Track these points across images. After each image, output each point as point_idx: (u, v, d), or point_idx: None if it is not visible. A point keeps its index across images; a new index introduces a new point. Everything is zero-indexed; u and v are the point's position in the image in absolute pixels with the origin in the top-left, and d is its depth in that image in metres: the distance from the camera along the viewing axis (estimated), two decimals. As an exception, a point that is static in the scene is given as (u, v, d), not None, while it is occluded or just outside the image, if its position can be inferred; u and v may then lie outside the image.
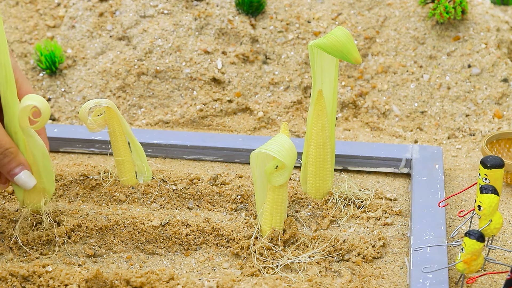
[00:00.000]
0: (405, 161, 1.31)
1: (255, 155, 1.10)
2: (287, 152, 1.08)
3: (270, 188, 1.11)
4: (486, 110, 1.47)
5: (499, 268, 1.10)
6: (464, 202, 1.26)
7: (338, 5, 1.58)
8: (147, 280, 1.03)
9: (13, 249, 1.13)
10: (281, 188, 1.11)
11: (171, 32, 1.54)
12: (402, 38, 1.55)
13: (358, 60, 1.14)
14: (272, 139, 1.10)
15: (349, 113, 1.51)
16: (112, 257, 1.13)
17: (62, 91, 1.51)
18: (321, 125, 1.18)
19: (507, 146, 1.34)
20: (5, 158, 1.05)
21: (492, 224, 1.04)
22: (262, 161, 1.12)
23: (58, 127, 1.39)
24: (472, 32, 1.54)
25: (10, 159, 1.05)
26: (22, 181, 1.07)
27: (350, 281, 1.07)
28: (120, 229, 1.16)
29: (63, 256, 1.12)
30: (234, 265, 1.11)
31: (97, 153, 1.37)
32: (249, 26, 1.55)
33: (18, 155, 1.06)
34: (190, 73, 1.51)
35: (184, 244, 1.14)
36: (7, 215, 1.17)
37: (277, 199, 1.12)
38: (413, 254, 1.09)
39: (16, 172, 1.07)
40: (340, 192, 1.23)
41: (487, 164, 1.06)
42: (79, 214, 1.18)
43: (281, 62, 1.54)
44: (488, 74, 1.50)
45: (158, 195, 1.24)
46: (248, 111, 1.49)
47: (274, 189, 1.11)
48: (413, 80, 1.51)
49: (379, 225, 1.19)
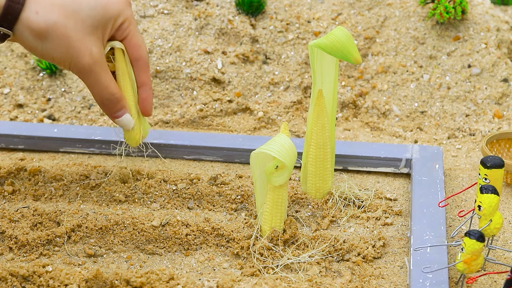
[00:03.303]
0: (405, 161, 1.31)
1: (255, 155, 1.10)
2: (287, 152, 1.08)
3: (270, 188, 1.11)
4: (486, 110, 1.47)
5: (499, 268, 1.10)
6: (464, 202, 1.26)
7: (338, 5, 1.58)
8: (147, 280, 1.03)
9: (13, 249, 1.13)
10: (281, 188, 1.11)
11: (171, 32, 1.54)
12: (402, 38, 1.55)
13: (358, 60, 1.14)
14: (272, 139, 1.10)
15: (349, 113, 1.51)
16: (112, 257, 1.13)
17: (62, 91, 1.51)
18: (321, 125, 1.18)
19: (507, 146, 1.34)
20: (110, 102, 1.14)
21: (492, 224, 1.04)
22: (262, 161, 1.12)
23: (58, 127, 1.39)
24: (472, 32, 1.54)
25: (115, 103, 1.14)
26: (123, 123, 1.17)
27: (350, 281, 1.07)
28: (120, 229, 1.16)
29: (63, 256, 1.12)
30: (234, 265, 1.11)
31: (97, 153, 1.37)
32: (249, 26, 1.55)
33: (122, 100, 1.15)
34: (190, 73, 1.51)
35: (184, 244, 1.14)
36: (7, 215, 1.17)
37: (277, 199, 1.12)
38: (413, 254, 1.09)
39: (119, 115, 1.16)
40: (340, 192, 1.23)
41: (487, 164, 1.06)
42: (79, 214, 1.18)
43: (281, 62, 1.54)
44: (488, 74, 1.50)
45: (158, 195, 1.24)
46: (248, 111, 1.49)
47: (274, 189, 1.11)
48: (413, 80, 1.51)
49: (379, 225, 1.19)
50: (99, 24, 1.10)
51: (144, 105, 1.19)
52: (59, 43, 1.07)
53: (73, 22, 1.08)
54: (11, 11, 1.06)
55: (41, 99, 1.50)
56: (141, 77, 1.18)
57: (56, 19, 1.06)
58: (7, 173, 1.27)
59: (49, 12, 1.07)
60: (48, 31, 1.06)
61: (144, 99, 1.19)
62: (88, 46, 1.09)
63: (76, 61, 1.09)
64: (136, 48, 1.16)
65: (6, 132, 1.37)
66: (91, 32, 1.09)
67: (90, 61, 1.09)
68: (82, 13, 1.08)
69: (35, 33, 1.06)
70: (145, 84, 1.19)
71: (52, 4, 1.07)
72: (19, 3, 1.06)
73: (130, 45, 1.15)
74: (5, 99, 1.50)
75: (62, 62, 1.10)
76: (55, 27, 1.07)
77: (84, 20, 1.08)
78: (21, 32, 1.07)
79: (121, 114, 1.16)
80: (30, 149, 1.37)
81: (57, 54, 1.08)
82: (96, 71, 1.10)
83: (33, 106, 1.49)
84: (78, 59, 1.09)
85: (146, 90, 1.19)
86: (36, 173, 1.27)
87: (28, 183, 1.26)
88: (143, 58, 1.17)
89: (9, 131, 1.37)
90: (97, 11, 1.09)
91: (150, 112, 1.21)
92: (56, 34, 1.07)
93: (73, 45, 1.08)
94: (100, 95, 1.13)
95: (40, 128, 1.39)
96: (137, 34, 1.16)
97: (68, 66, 1.10)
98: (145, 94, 1.19)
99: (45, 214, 1.18)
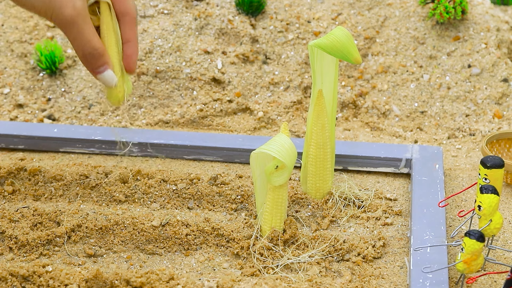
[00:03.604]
0: (405, 161, 1.31)
1: (255, 155, 1.10)
2: (287, 152, 1.08)
3: (270, 188, 1.11)
4: (486, 110, 1.47)
5: (499, 268, 1.10)
6: (464, 202, 1.26)
7: (338, 5, 1.58)
8: (147, 280, 1.03)
9: (13, 249, 1.13)
10: (281, 188, 1.11)
11: (171, 32, 1.54)
12: (402, 38, 1.55)
13: (358, 60, 1.14)
14: (272, 139, 1.10)
15: (349, 113, 1.51)
16: (112, 257, 1.13)
17: (62, 91, 1.51)
18: (321, 125, 1.18)
19: (507, 146, 1.34)
20: (92, 57, 1.10)
21: (492, 224, 1.04)
22: (262, 161, 1.12)
23: (58, 127, 1.39)
24: (472, 32, 1.54)
25: (97, 58, 1.11)
26: (104, 79, 1.13)
27: (350, 281, 1.07)
28: (120, 229, 1.16)
29: (63, 256, 1.12)
30: (234, 265, 1.11)
31: (97, 153, 1.37)
32: (249, 26, 1.55)
33: (104, 56, 1.11)
34: (190, 73, 1.51)
35: (184, 244, 1.14)
36: (7, 215, 1.17)
37: (277, 199, 1.12)
38: (413, 254, 1.09)
39: (101, 71, 1.12)
40: (340, 192, 1.23)
41: (487, 164, 1.06)
42: (79, 214, 1.18)
43: (281, 62, 1.54)
44: (488, 74, 1.50)
45: (158, 195, 1.24)
46: (248, 111, 1.49)
47: (274, 189, 1.11)
48: (413, 80, 1.51)
49: (379, 225, 1.19)
50: None
51: (128, 61, 1.15)
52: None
53: None
54: None
55: (41, 99, 1.50)
56: (127, 33, 1.15)
57: None
58: (7, 173, 1.27)
59: None
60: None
61: (128, 55, 1.15)
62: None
63: (59, 12, 1.06)
64: (123, 2, 1.13)
65: (6, 132, 1.37)
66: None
67: (73, 13, 1.06)
68: None
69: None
70: (130, 40, 1.15)
71: None
72: None
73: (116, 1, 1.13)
74: (5, 99, 1.50)
75: (44, 12, 1.07)
76: None
77: None
78: None
79: (103, 70, 1.12)
80: (30, 149, 1.37)
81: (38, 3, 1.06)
82: (79, 23, 1.07)
83: (33, 106, 1.49)
84: (60, 10, 1.06)
85: (131, 47, 1.15)
86: (36, 173, 1.27)
87: (28, 183, 1.26)
88: (130, 14, 1.14)
89: (9, 131, 1.37)
90: None
91: (134, 69, 1.16)
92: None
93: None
94: (82, 49, 1.10)
95: (40, 128, 1.39)
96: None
97: (50, 17, 1.07)
98: (130, 51, 1.15)
99: (45, 214, 1.18)
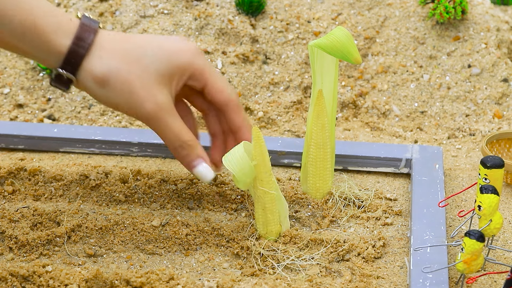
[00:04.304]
0: (405, 161, 1.31)
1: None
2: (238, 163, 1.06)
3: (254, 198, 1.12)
4: (486, 110, 1.47)
5: (499, 268, 1.10)
6: (464, 202, 1.26)
7: (338, 5, 1.58)
8: (147, 280, 1.03)
9: (13, 249, 1.13)
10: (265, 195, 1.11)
11: (171, 32, 1.54)
12: (402, 38, 1.55)
13: (358, 60, 1.14)
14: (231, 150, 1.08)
15: (349, 113, 1.51)
16: (112, 257, 1.13)
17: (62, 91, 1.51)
18: (321, 125, 1.18)
19: (507, 146, 1.34)
20: (183, 150, 1.08)
21: (492, 224, 1.04)
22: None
23: (58, 127, 1.39)
24: (472, 32, 1.54)
25: (188, 151, 1.08)
26: (199, 174, 1.09)
27: (350, 281, 1.07)
28: (120, 229, 1.16)
29: (63, 256, 1.12)
30: (234, 265, 1.11)
31: (97, 153, 1.37)
32: (249, 26, 1.55)
33: (195, 148, 1.09)
34: (190, 73, 1.51)
35: (184, 244, 1.14)
36: (7, 215, 1.17)
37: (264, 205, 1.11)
38: (413, 254, 1.09)
39: (194, 165, 1.09)
40: (340, 192, 1.23)
41: (487, 164, 1.06)
42: (79, 214, 1.19)
43: (281, 62, 1.54)
44: (488, 74, 1.50)
45: (158, 195, 1.24)
46: (248, 111, 1.49)
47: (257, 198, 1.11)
48: (413, 80, 1.51)
49: (379, 225, 1.19)
50: (165, 72, 1.06)
51: None
52: (122, 90, 1.04)
53: (136, 68, 1.04)
54: (75, 55, 1.03)
55: (41, 99, 1.50)
56: (236, 120, 1.12)
57: (118, 65, 1.04)
58: (7, 173, 1.27)
59: (111, 58, 1.04)
60: (110, 77, 1.03)
61: (248, 140, 1.11)
62: (153, 93, 1.05)
63: (141, 107, 1.05)
64: (220, 92, 1.10)
65: (6, 132, 1.37)
66: (156, 79, 1.05)
67: (156, 108, 1.04)
68: (146, 59, 1.05)
69: (97, 79, 1.04)
70: (243, 126, 1.12)
71: (115, 50, 1.04)
72: (84, 47, 1.03)
73: (212, 92, 1.10)
74: (5, 99, 1.50)
75: (127, 110, 1.06)
76: (118, 73, 1.04)
77: (148, 67, 1.05)
78: (84, 77, 1.04)
79: (196, 164, 1.09)
80: (30, 149, 1.37)
81: (120, 101, 1.05)
82: (163, 117, 1.05)
83: (33, 106, 1.49)
84: (142, 106, 1.04)
85: (246, 132, 1.13)
86: (36, 173, 1.27)
87: (28, 183, 1.26)
88: (232, 100, 1.11)
89: (9, 131, 1.37)
90: (161, 59, 1.06)
91: None
92: (118, 80, 1.04)
93: (136, 91, 1.04)
94: (171, 143, 1.08)
95: (40, 128, 1.39)
96: (217, 79, 1.10)
97: (133, 113, 1.06)
98: (247, 135, 1.12)
99: (45, 214, 1.18)
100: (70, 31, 1.04)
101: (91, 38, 1.04)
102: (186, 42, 1.09)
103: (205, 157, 1.10)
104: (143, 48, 1.06)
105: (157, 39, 1.09)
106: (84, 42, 1.04)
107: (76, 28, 1.04)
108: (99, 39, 1.05)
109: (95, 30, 1.05)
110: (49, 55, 1.04)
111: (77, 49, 1.03)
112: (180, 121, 1.08)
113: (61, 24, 1.03)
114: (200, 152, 1.09)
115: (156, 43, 1.07)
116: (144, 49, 1.06)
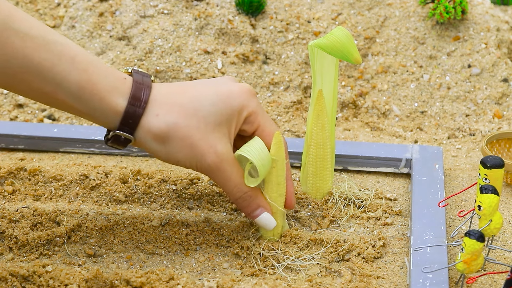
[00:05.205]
0: (405, 161, 1.31)
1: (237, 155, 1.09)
2: (260, 155, 1.06)
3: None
4: (486, 110, 1.47)
5: (499, 268, 1.10)
6: (464, 202, 1.26)
7: (338, 5, 1.58)
8: (147, 280, 1.03)
9: (13, 249, 1.13)
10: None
11: (171, 32, 1.54)
12: (402, 38, 1.55)
13: (358, 60, 1.14)
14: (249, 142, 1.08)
15: (349, 113, 1.51)
16: (112, 257, 1.13)
17: (62, 91, 1.51)
18: (321, 125, 1.18)
19: (507, 146, 1.34)
20: (244, 201, 1.09)
21: (492, 224, 1.04)
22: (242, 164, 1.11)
23: (58, 127, 1.39)
24: (472, 32, 1.54)
25: (249, 202, 1.09)
26: (262, 223, 1.10)
27: (350, 281, 1.07)
28: (120, 229, 1.16)
29: (63, 256, 1.12)
30: (234, 265, 1.11)
31: (97, 153, 1.37)
32: (249, 26, 1.55)
33: (257, 198, 1.09)
34: (190, 73, 1.51)
35: (184, 244, 1.14)
36: (7, 215, 1.17)
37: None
38: (413, 254, 1.09)
39: (256, 214, 1.10)
40: (340, 192, 1.23)
41: (487, 164, 1.06)
42: (79, 214, 1.19)
43: (281, 62, 1.54)
44: (488, 74, 1.50)
45: (158, 195, 1.24)
46: (248, 111, 1.49)
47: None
48: (413, 80, 1.51)
49: (379, 225, 1.19)
50: (222, 120, 1.05)
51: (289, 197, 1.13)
52: (182, 145, 1.03)
53: (195, 121, 1.03)
54: (132, 115, 1.02)
55: (41, 99, 1.50)
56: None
57: (176, 119, 1.03)
58: (7, 173, 1.27)
59: (169, 113, 1.03)
60: (169, 133, 1.03)
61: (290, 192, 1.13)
62: (213, 144, 1.04)
63: (202, 160, 1.04)
64: (269, 137, 1.10)
65: (6, 132, 1.37)
66: (214, 129, 1.04)
67: (216, 159, 1.04)
68: (203, 110, 1.04)
69: (156, 136, 1.03)
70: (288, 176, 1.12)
71: (172, 104, 1.04)
72: (140, 106, 1.02)
73: (263, 136, 1.10)
74: (5, 99, 1.50)
75: (188, 164, 1.05)
76: (176, 128, 1.03)
77: (206, 118, 1.04)
78: (143, 136, 1.04)
79: (259, 213, 1.09)
80: (30, 149, 1.38)
81: (181, 156, 1.04)
82: (224, 169, 1.05)
83: (33, 106, 1.49)
84: (203, 159, 1.04)
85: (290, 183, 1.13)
86: (36, 173, 1.27)
87: (28, 183, 1.26)
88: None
89: (9, 131, 1.37)
90: (218, 107, 1.05)
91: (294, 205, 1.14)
92: (178, 136, 1.03)
93: (197, 144, 1.03)
94: (232, 195, 1.08)
95: (40, 128, 1.39)
96: (268, 122, 1.10)
97: (195, 167, 1.06)
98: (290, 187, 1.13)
99: (45, 214, 1.18)
100: (125, 90, 1.03)
101: (147, 95, 1.03)
102: (239, 83, 1.09)
103: (266, 206, 1.10)
104: (199, 99, 1.05)
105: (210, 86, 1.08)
106: (140, 101, 1.03)
107: (130, 87, 1.03)
108: (154, 95, 1.04)
109: (149, 86, 1.04)
110: (106, 116, 1.03)
111: (134, 109, 1.02)
112: (240, 170, 1.07)
113: (116, 83, 1.02)
114: (260, 201, 1.10)
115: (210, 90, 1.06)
116: (200, 100, 1.05)
